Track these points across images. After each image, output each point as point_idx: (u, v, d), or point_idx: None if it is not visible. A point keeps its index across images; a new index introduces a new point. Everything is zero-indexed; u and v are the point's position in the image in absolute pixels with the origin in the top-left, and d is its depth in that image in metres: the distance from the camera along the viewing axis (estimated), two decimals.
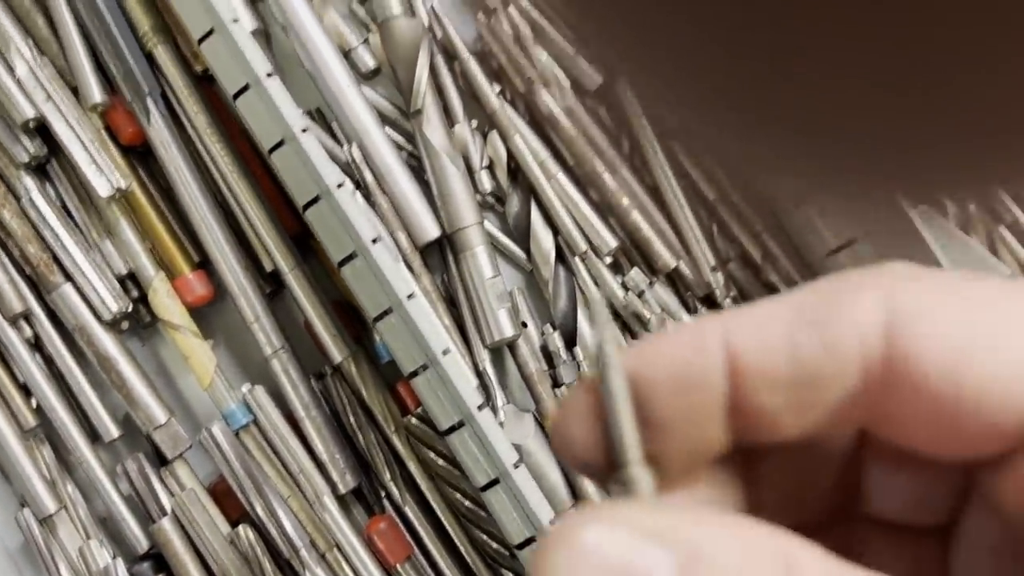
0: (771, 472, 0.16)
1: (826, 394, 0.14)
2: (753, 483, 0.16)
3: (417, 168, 0.42)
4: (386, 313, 0.36)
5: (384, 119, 0.42)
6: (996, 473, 0.14)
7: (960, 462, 0.15)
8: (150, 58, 0.38)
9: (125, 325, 0.39)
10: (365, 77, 0.43)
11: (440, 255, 0.42)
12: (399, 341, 0.36)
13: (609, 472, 0.14)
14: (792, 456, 0.16)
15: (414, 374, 0.36)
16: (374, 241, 0.36)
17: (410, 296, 0.36)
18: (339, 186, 0.36)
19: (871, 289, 0.14)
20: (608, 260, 0.42)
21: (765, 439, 0.15)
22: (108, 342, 0.37)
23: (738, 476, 0.16)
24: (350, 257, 0.36)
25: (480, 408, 0.35)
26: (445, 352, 0.36)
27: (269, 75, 0.36)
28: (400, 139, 0.43)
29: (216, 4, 0.36)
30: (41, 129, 0.37)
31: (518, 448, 0.38)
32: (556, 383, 0.41)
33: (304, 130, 0.36)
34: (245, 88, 0.36)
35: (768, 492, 0.16)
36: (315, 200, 0.36)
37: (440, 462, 0.39)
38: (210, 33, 0.36)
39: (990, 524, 0.15)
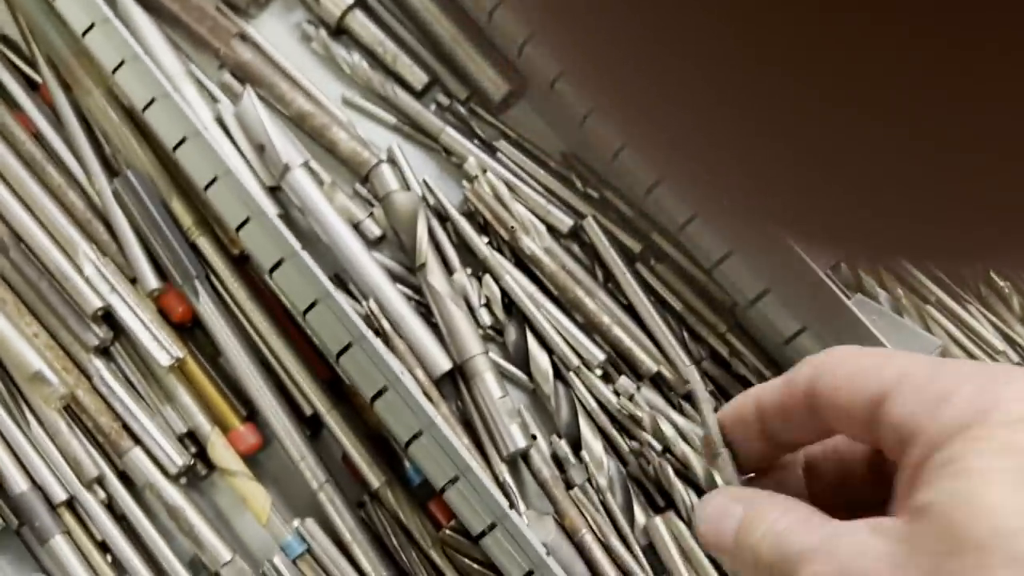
0: (819, 470, 0.27)
1: (792, 416, 0.26)
2: (810, 478, 0.28)
3: (425, 313, 0.49)
4: (417, 436, 0.42)
5: (393, 276, 0.49)
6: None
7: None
8: (194, 247, 0.45)
9: (183, 480, 0.44)
10: (373, 244, 0.51)
11: (453, 385, 0.48)
12: (430, 459, 0.42)
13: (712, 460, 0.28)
14: (829, 460, 0.27)
15: (444, 488, 0.42)
16: (398, 376, 0.42)
17: (435, 421, 0.42)
18: (365, 335, 0.43)
19: (809, 361, 0.25)
20: (599, 372, 0.48)
21: (793, 446, 0.27)
22: (174, 494, 0.42)
23: (801, 473, 0.28)
24: (381, 391, 0.42)
25: (510, 507, 0.41)
26: (470, 465, 0.41)
27: (297, 251, 0.43)
28: (408, 291, 0.50)
29: (249, 198, 0.43)
30: (106, 316, 0.44)
31: (545, 545, 0.43)
32: (569, 485, 0.46)
33: (330, 293, 0.43)
34: (280, 262, 0.43)
35: (818, 483, 0.27)
36: (347, 347, 0.42)
37: (475, 567, 0.44)
38: (246, 222, 0.43)
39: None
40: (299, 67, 0.53)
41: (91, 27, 0.45)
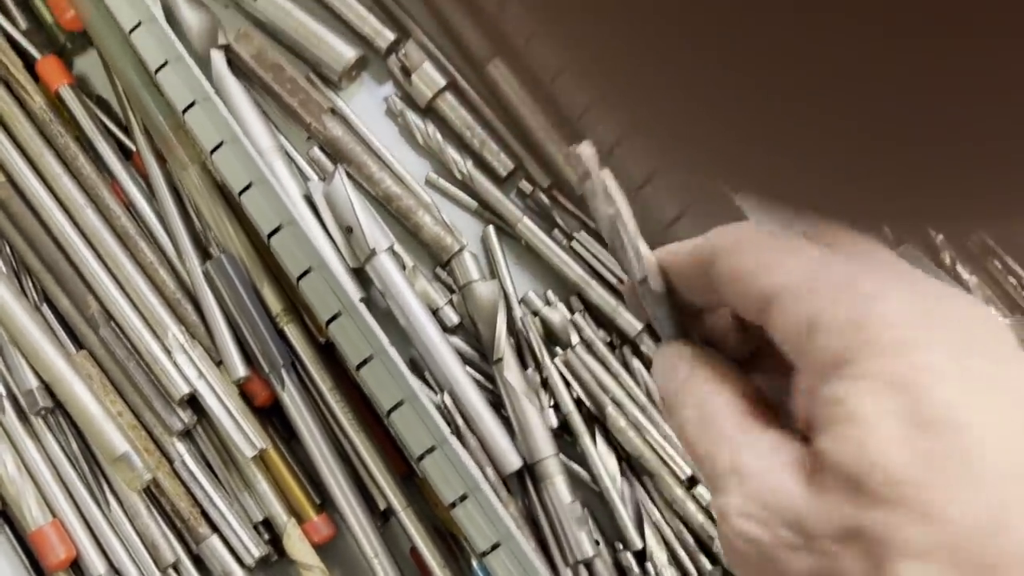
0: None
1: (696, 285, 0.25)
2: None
3: (496, 403, 0.49)
4: (495, 547, 0.42)
5: (466, 360, 0.50)
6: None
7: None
8: (282, 334, 0.45)
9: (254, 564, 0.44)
10: (450, 330, 0.51)
11: (520, 481, 0.49)
12: (504, 569, 0.42)
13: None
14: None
15: None
16: (480, 484, 0.42)
17: (512, 532, 0.42)
18: (449, 435, 0.43)
19: (714, 232, 0.24)
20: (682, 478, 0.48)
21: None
22: None
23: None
24: (462, 498, 0.42)
25: None
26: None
27: (387, 346, 0.43)
28: (481, 378, 0.50)
29: (340, 289, 0.43)
30: (191, 399, 0.44)
31: None
32: None
33: (417, 392, 0.43)
34: (368, 359, 0.43)
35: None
36: (430, 450, 0.43)
37: None
38: (337, 316, 0.43)
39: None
40: (386, 143, 0.53)
41: (192, 104, 0.45)
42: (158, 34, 0.46)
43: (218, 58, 0.50)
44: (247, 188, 0.45)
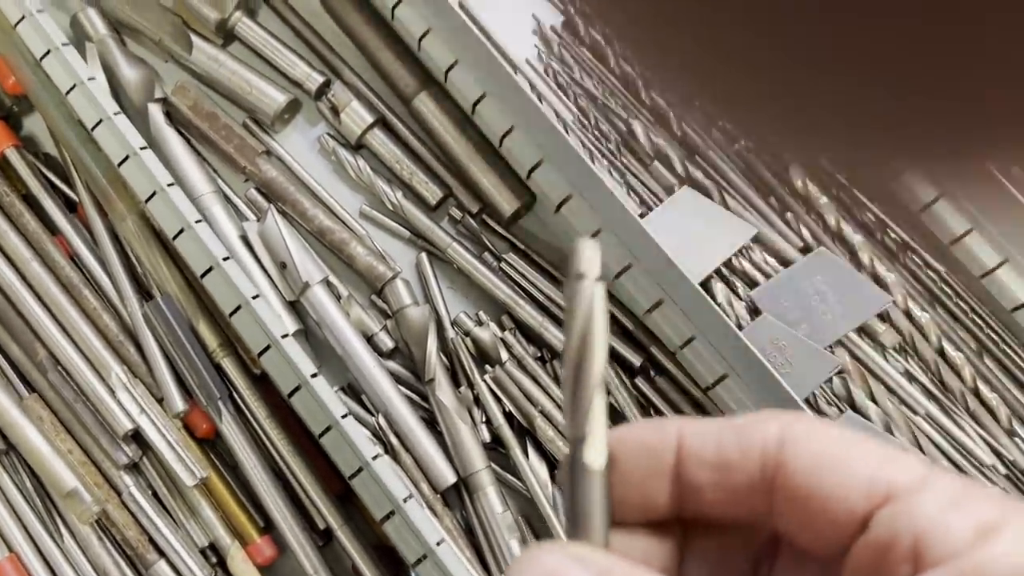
0: (701, 548, 0.22)
1: (736, 477, 0.20)
2: (687, 553, 0.22)
3: (431, 421, 0.52)
4: (421, 560, 0.45)
5: (401, 381, 0.52)
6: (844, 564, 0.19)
7: (821, 554, 0.20)
8: (219, 368, 0.48)
9: None
10: (386, 355, 0.53)
11: (457, 494, 0.51)
12: None
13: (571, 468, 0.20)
14: (719, 540, 0.22)
15: None
16: (406, 500, 0.45)
17: (439, 543, 0.45)
18: (375, 458, 0.46)
19: (777, 418, 0.20)
20: None
21: (695, 512, 0.21)
22: None
23: (676, 545, 0.21)
24: (389, 515, 0.45)
25: None
26: None
27: (314, 375, 0.46)
28: (417, 398, 0.52)
29: (268, 324, 0.46)
30: (136, 434, 0.47)
31: None
32: None
33: (344, 415, 0.46)
34: (297, 388, 0.46)
35: (695, 564, 0.22)
36: (358, 471, 0.45)
37: None
38: (267, 348, 0.46)
39: None
40: (320, 179, 0.56)
41: (126, 158, 0.48)
42: (91, 95, 0.49)
43: (155, 111, 0.54)
44: (179, 233, 0.48)
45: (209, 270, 0.47)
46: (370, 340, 0.53)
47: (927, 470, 0.19)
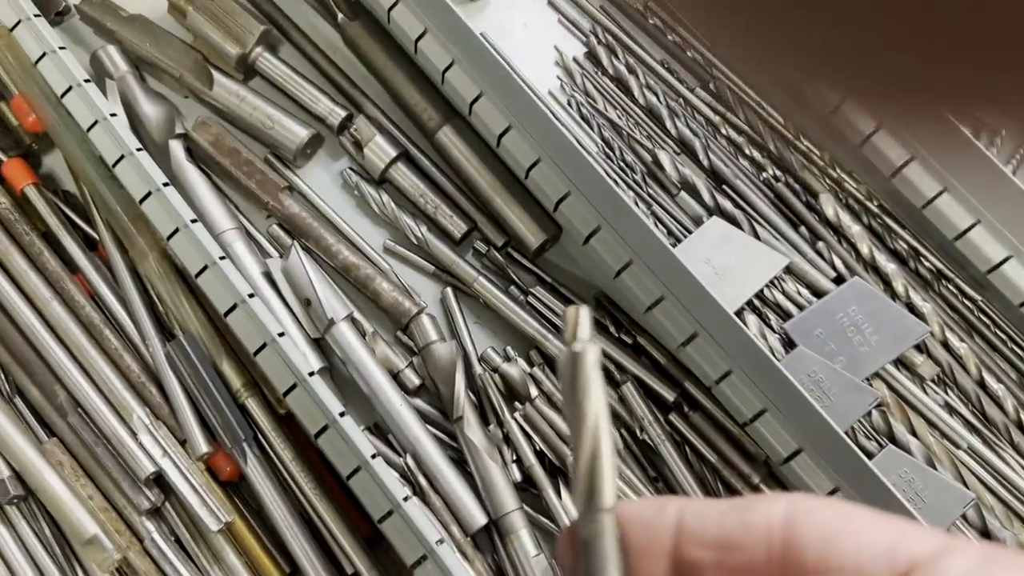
0: None
1: (739, 557, 0.20)
2: None
3: (459, 461, 0.50)
4: None
5: (428, 420, 0.51)
6: None
7: None
8: (243, 408, 0.47)
9: None
10: (412, 392, 0.52)
11: (487, 535, 0.50)
12: None
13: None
14: None
15: None
16: (439, 543, 0.43)
17: None
18: (405, 499, 0.44)
19: (782, 497, 0.20)
20: None
21: None
22: None
23: None
24: (421, 559, 0.43)
25: None
26: None
27: (342, 414, 0.45)
28: (444, 436, 0.51)
29: (295, 362, 0.45)
30: (158, 477, 0.45)
31: None
32: None
33: (374, 456, 0.45)
34: (325, 428, 0.45)
35: None
36: (388, 514, 0.44)
37: None
38: (293, 387, 0.45)
39: None
40: (343, 215, 0.55)
41: (148, 195, 0.47)
42: (113, 131, 0.48)
43: (176, 147, 0.53)
44: (203, 270, 0.47)
45: (233, 308, 0.46)
46: (396, 377, 0.51)
47: (947, 538, 0.19)
